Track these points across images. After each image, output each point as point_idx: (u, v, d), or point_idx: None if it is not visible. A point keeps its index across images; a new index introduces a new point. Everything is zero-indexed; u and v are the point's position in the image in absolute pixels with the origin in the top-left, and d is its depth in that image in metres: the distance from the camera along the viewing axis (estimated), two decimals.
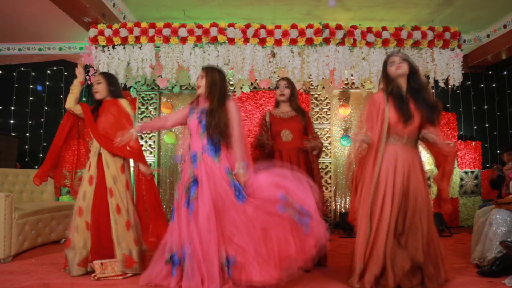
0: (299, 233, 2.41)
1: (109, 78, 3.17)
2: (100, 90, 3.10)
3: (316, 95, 5.44)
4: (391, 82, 2.69)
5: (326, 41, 3.98)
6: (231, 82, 5.38)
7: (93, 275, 2.82)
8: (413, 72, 2.68)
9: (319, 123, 5.38)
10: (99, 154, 3.02)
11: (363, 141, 2.69)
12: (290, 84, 3.35)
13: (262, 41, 4.01)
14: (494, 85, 5.88)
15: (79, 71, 3.19)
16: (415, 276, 2.57)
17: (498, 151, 5.74)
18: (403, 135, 2.64)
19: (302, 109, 3.41)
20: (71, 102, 3.11)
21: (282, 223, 2.41)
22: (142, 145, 5.42)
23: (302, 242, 2.41)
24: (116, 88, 3.16)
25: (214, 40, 4.01)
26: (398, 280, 2.51)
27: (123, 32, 4.07)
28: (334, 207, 5.34)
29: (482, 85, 5.90)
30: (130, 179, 3.12)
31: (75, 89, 3.14)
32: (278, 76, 4.21)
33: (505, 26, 5.08)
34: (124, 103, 3.09)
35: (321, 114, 5.41)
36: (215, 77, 2.69)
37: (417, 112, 2.62)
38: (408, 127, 2.61)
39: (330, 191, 5.22)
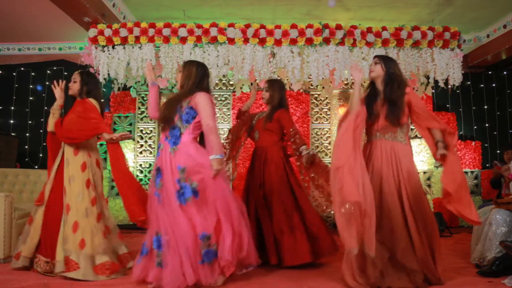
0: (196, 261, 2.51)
1: (86, 77, 3.13)
2: (73, 88, 3.10)
3: (316, 95, 5.44)
4: (370, 84, 2.91)
5: (326, 41, 3.98)
6: (231, 82, 5.38)
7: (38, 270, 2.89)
8: (388, 73, 2.79)
9: (319, 123, 5.38)
10: (62, 154, 3.02)
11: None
12: (270, 88, 3.44)
13: (262, 41, 4.01)
14: (494, 85, 5.88)
15: (59, 95, 3.15)
16: (401, 272, 2.57)
17: (498, 151, 5.74)
18: (375, 133, 2.80)
19: (276, 108, 3.45)
20: (52, 126, 3.09)
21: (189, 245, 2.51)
22: (142, 145, 5.42)
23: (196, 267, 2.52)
24: (90, 88, 3.10)
25: (214, 40, 4.01)
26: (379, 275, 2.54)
27: (123, 32, 4.07)
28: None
29: (482, 85, 5.90)
30: (98, 177, 3.05)
31: (56, 113, 3.13)
32: (278, 76, 4.21)
33: (505, 26, 5.08)
34: (93, 101, 3.06)
35: (321, 114, 5.41)
36: (191, 70, 2.78)
37: (383, 111, 2.76)
38: (376, 124, 2.77)
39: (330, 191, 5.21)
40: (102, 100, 3.26)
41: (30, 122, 5.69)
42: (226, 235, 2.53)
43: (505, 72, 5.82)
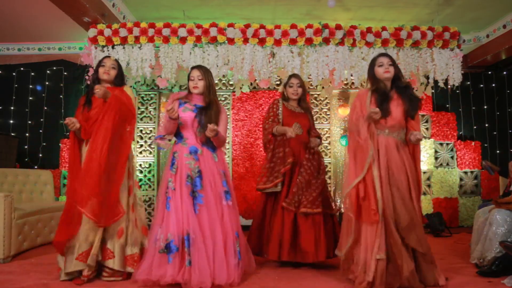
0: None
1: (120, 68, 3.16)
2: (111, 74, 3.04)
3: (315, 95, 5.44)
4: (377, 82, 2.85)
5: (326, 41, 3.98)
6: (230, 82, 5.38)
7: None
8: (398, 75, 2.84)
9: (319, 123, 5.38)
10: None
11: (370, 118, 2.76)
12: (302, 84, 3.50)
13: (262, 41, 4.00)
14: (493, 85, 5.88)
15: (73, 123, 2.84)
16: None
17: (498, 151, 5.74)
18: (383, 129, 2.78)
19: (310, 109, 3.63)
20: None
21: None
22: (141, 145, 5.42)
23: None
24: (122, 79, 3.14)
25: (213, 40, 4.01)
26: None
27: (123, 32, 4.06)
28: (334, 207, 5.32)
29: (481, 85, 5.90)
30: (133, 166, 3.06)
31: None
32: (278, 76, 4.21)
33: (504, 26, 5.08)
34: (128, 90, 3.05)
35: (320, 114, 5.42)
36: (210, 79, 2.94)
37: (399, 107, 2.78)
38: (388, 122, 2.76)
39: (330, 190, 5.22)
40: None
41: (29, 122, 5.68)
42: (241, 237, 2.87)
43: (504, 72, 5.82)
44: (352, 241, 2.69)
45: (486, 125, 5.84)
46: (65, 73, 5.72)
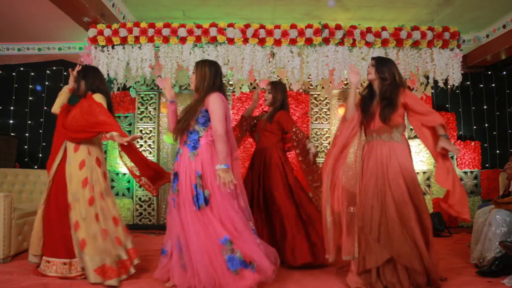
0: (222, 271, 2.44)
1: (85, 72, 3.09)
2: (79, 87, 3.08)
3: (315, 95, 5.44)
4: (368, 85, 2.97)
5: (326, 41, 3.98)
6: (230, 82, 5.38)
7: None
8: (381, 77, 2.83)
9: (319, 123, 5.38)
10: (64, 150, 2.97)
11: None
12: (273, 90, 3.55)
13: (262, 41, 4.00)
14: (493, 85, 5.88)
15: (71, 79, 3.16)
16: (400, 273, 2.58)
17: (498, 151, 5.74)
18: (372, 134, 2.84)
19: (278, 110, 3.52)
20: (56, 107, 3.11)
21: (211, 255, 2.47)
22: (141, 145, 5.42)
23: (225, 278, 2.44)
24: (92, 82, 3.04)
25: (213, 40, 4.01)
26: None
27: (123, 32, 4.06)
28: None
29: (481, 85, 5.89)
30: (96, 176, 2.94)
31: (63, 95, 3.14)
32: (278, 76, 4.21)
33: (504, 26, 5.08)
34: (97, 97, 2.97)
35: (320, 114, 5.42)
36: (204, 71, 2.70)
37: (377, 111, 2.81)
38: (372, 125, 2.82)
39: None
40: None
41: (29, 122, 5.68)
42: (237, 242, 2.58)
43: (504, 72, 5.81)
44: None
45: (486, 125, 5.84)
46: (65, 73, 5.71)
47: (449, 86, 4.12)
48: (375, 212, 2.64)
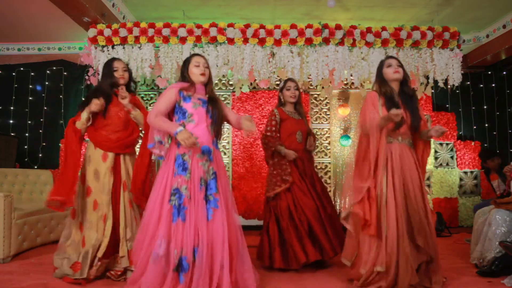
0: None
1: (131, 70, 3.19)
2: (125, 77, 3.03)
3: (315, 95, 5.44)
4: (385, 84, 2.80)
5: (326, 41, 3.98)
6: (230, 82, 5.38)
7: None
8: (406, 79, 2.80)
9: (319, 123, 5.38)
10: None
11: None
12: (298, 87, 3.59)
13: (262, 41, 4.00)
14: (493, 85, 5.88)
15: (98, 108, 2.87)
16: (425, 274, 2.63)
17: (498, 151, 5.74)
18: (397, 137, 2.75)
19: (305, 113, 3.72)
20: (82, 126, 2.92)
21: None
22: None
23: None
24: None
25: (213, 40, 4.01)
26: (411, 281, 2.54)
27: (123, 32, 4.06)
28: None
29: (481, 85, 5.90)
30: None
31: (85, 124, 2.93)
32: (278, 76, 4.21)
33: (504, 26, 5.08)
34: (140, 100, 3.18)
35: (320, 114, 5.42)
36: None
37: (407, 118, 2.73)
38: (402, 129, 2.72)
39: (330, 191, 5.22)
40: None
41: (29, 122, 5.68)
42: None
43: (504, 72, 5.82)
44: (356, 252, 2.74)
45: (486, 125, 5.84)
46: (65, 73, 5.72)
47: (449, 86, 4.12)
48: (415, 217, 2.64)
